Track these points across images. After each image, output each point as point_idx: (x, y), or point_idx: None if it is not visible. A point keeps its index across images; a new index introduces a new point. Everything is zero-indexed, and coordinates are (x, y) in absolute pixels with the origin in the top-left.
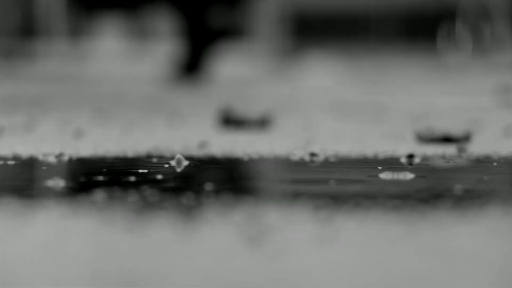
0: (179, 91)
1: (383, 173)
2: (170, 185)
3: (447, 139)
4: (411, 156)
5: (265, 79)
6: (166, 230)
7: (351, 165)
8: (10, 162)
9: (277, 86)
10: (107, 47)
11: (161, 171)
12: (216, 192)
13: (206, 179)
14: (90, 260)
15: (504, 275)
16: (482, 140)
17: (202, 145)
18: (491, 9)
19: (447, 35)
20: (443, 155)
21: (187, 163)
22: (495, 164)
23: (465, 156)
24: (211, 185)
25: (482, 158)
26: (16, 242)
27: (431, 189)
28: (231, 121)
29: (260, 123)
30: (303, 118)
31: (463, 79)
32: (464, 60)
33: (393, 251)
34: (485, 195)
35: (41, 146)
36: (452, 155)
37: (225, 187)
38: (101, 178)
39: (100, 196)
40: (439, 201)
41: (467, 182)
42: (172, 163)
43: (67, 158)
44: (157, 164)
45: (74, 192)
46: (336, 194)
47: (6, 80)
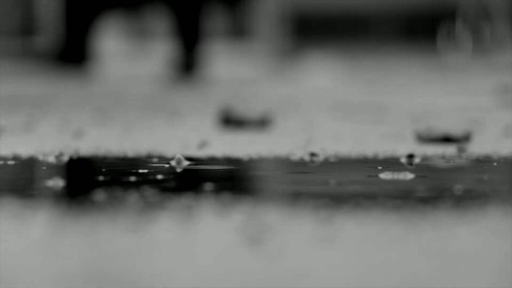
0: (177, 91)
1: (383, 173)
2: (170, 185)
3: (447, 139)
4: (411, 156)
5: (265, 79)
6: (166, 230)
7: (351, 165)
8: (10, 162)
9: (277, 86)
10: (107, 47)
11: (161, 171)
12: (216, 192)
13: (206, 179)
14: (90, 260)
15: (504, 275)
16: (482, 140)
17: (202, 145)
18: (491, 9)
19: (447, 35)
20: (443, 155)
21: (187, 163)
22: (495, 164)
23: (465, 156)
24: (211, 185)
25: (482, 158)
26: (16, 242)
27: (431, 189)
28: (231, 121)
29: (260, 123)
30: (303, 118)
31: (463, 79)
32: (464, 60)
33: (393, 251)
34: (485, 195)
35: (41, 146)
36: (452, 155)
37: (225, 187)
38: (101, 178)
39: (100, 196)
40: (439, 201)
41: (467, 182)
42: (172, 163)
43: (67, 158)
44: (157, 164)
45: (74, 192)
46: (336, 194)
47: (6, 80)
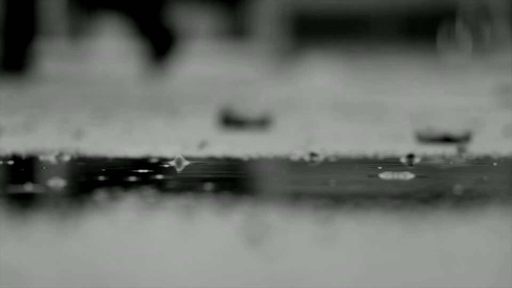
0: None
1: (383, 173)
2: (170, 185)
3: (447, 139)
4: (411, 156)
5: (265, 79)
6: (166, 230)
7: (351, 165)
8: (10, 162)
9: (277, 86)
10: (107, 47)
11: (161, 171)
12: (216, 192)
13: (206, 179)
14: (90, 260)
15: (504, 275)
16: (482, 140)
17: (202, 145)
18: (491, 9)
19: (447, 35)
20: (443, 155)
21: (187, 163)
22: (495, 164)
23: (465, 156)
24: (211, 185)
25: (482, 158)
26: (16, 242)
27: (431, 189)
28: (231, 121)
29: (260, 123)
30: (303, 118)
31: (463, 79)
32: (464, 60)
33: (393, 251)
34: (485, 195)
35: (41, 146)
36: (452, 155)
37: (225, 187)
38: (101, 178)
39: (100, 196)
40: (439, 201)
41: (467, 182)
42: (172, 163)
43: (67, 158)
44: (157, 164)
45: (74, 192)
46: (336, 194)
47: (6, 80)
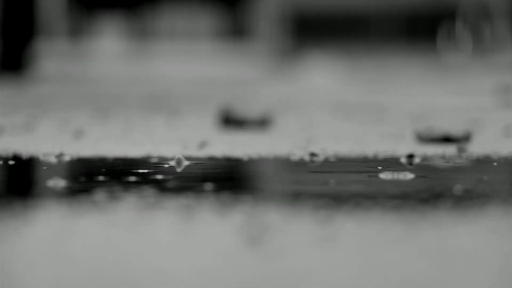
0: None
1: (383, 173)
2: (170, 185)
3: (447, 139)
4: (411, 156)
5: (265, 79)
6: (166, 230)
7: (351, 165)
8: (10, 162)
9: (277, 86)
10: (107, 47)
11: (161, 171)
12: (216, 192)
13: (206, 179)
14: (90, 260)
15: (504, 275)
16: (482, 140)
17: (202, 145)
18: (491, 9)
19: (447, 35)
20: (443, 155)
21: (187, 163)
22: (495, 164)
23: (465, 156)
24: (211, 185)
25: (482, 158)
26: (16, 242)
27: (431, 189)
28: (231, 121)
29: (260, 123)
30: (303, 118)
31: (463, 79)
32: (464, 60)
33: (393, 251)
34: (485, 195)
35: (41, 146)
36: (452, 155)
37: (225, 187)
38: (101, 178)
39: (100, 196)
40: (439, 201)
41: (467, 182)
42: (172, 163)
43: (67, 158)
44: (157, 164)
45: (74, 192)
46: (336, 194)
47: (6, 80)
